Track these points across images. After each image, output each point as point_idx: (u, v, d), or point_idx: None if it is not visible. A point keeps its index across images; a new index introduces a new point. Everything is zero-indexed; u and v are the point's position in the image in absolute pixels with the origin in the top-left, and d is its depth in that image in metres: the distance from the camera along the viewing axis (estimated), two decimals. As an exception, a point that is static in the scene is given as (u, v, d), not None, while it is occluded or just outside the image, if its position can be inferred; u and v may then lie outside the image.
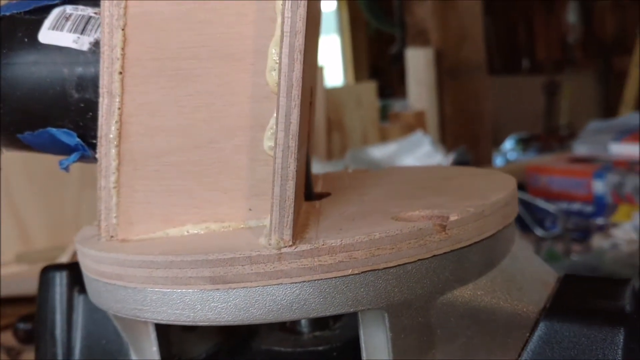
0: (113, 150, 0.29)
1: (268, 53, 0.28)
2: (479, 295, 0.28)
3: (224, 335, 0.38)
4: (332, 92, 1.51)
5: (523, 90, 3.18)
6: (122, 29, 0.28)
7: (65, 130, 0.31)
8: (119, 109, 0.29)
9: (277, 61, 0.27)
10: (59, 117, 0.31)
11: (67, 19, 0.31)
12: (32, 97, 0.31)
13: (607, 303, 0.28)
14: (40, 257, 0.87)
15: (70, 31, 0.31)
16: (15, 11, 0.32)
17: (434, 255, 0.26)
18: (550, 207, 1.14)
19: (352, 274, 0.25)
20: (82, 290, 0.39)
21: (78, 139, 0.31)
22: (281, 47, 0.25)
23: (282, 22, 0.24)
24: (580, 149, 1.36)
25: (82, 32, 0.30)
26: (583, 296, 0.29)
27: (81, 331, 0.39)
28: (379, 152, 1.27)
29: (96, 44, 0.30)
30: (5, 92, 0.31)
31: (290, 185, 0.25)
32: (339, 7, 3.32)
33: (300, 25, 0.24)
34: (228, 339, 0.38)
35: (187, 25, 0.28)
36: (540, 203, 1.15)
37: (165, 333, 0.32)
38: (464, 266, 0.27)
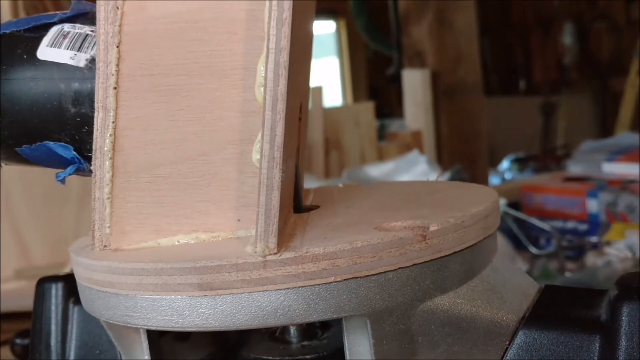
0: (107, 163, 0.30)
1: (257, 70, 0.29)
2: (459, 303, 0.29)
3: (215, 346, 0.38)
4: (331, 112, 1.53)
5: (520, 111, 3.20)
6: (117, 47, 0.29)
7: (62, 143, 0.32)
8: (114, 122, 0.30)
9: (266, 77, 0.28)
10: (56, 130, 0.32)
11: (64, 36, 0.32)
12: (31, 112, 0.32)
13: (585, 312, 0.29)
14: (40, 273, 0.88)
15: (67, 48, 0.32)
16: (15, 29, 0.33)
17: (415, 264, 0.27)
18: (544, 225, 1.15)
19: (335, 282, 0.26)
20: (77, 301, 0.39)
21: (74, 152, 0.32)
22: (266, 64, 0.26)
23: (268, 40, 0.26)
24: (575, 168, 1.38)
25: (79, 49, 0.32)
26: (561, 306, 0.30)
27: (75, 341, 0.39)
28: (376, 170, 1.28)
29: (92, 61, 0.31)
30: (4, 106, 0.32)
31: (276, 195, 0.26)
32: (338, 30, 3.36)
33: (285, 42, 0.25)
34: (219, 349, 0.38)
35: (180, 43, 0.29)
36: (535, 221, 1.16)
37: (157, 342, 0.33)
38: (445, 275, 0.28)
